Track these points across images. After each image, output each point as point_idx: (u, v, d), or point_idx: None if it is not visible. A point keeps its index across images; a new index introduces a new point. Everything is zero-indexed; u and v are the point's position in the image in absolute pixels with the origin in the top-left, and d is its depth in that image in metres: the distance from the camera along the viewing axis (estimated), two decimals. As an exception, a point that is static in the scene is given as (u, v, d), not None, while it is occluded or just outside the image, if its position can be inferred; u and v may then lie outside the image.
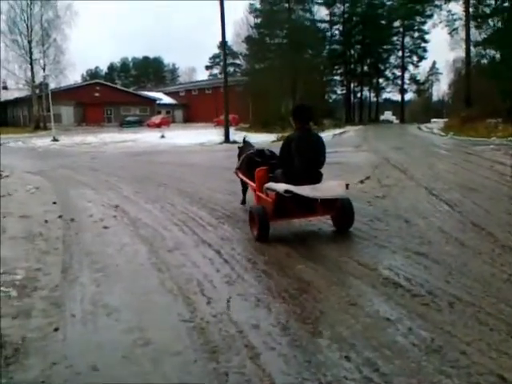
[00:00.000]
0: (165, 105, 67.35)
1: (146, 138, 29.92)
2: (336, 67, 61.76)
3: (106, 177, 11.07)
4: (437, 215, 6.20)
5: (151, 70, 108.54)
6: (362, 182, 9.17)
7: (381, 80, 66.31)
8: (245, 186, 6.93)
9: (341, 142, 21.63)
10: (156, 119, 53.37)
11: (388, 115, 72.70)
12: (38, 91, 46.42)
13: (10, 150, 22.78)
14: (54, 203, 7.64)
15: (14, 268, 4.20)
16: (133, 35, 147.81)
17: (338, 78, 63.87)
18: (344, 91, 65.24)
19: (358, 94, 67.27)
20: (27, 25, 45.29)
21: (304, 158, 5.03)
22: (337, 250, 4.70)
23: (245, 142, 7.75)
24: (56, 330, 2.96)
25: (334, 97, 63.85)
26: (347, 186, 5.22)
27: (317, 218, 5.67)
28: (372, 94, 68.65)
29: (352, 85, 65.24)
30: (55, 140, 28.84)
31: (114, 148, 22.81)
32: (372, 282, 3.75)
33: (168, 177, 10.65)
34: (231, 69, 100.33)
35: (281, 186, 4.91)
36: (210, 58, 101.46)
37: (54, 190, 9.28)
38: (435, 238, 5.06)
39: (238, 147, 7.79)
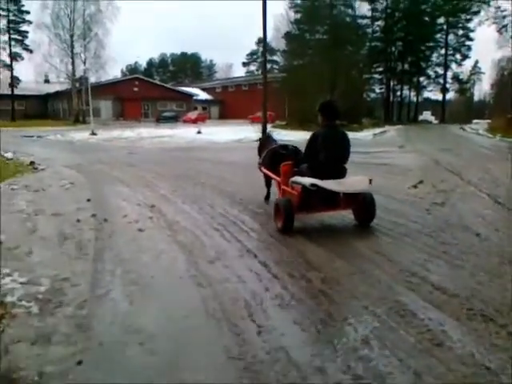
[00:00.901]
0: (201, 100, 67.43)
1: (183, 133, 29.69)
2: (375, 65, 60.20)
3: (143, 173, 10.69)
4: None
5: (189, 66, 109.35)
6: (415, 186, 8.44)
7: (421, 78, 64.42)
8: (268, 181, 6.97)
9: (383, 142, 20.73)
10: (192, 115, 53.36)
11: (427, 115, 70.58)
12: (78, 85, 47.13)
13: (49, 143, 22.94)
14: (88, 200, 7.26)
15: (39, 276, 3.76)
16: (172, 31, 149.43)
17: (377, 76, 62.45)
18: (382, 89, 63.64)
19: (397, 93, 65.48)
20: (70, 19, 46.03)
21: (329, 154, 5.19)
22: (409, 265, 4.04)
23: (266, 136, 7.65)
24: (79, 363, 2.46)
25: (372, 95, 62.36)
26: (370, 181, 5.30)
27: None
28: (412, 93, 66.74)
29: (391, 83, 63.52)
30: (93, 134, 28.98)
31: (150, 143, 22.61)
32: (457, 315, 3.10)
33: (206, 174, 10.17)
34: (268, 65, 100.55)
35: (307, 180, 5.06)
36: (248, 55, 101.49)
37: (88, 186, 8.94)
38: (518, 257, 4.34)
39: (259, 140, 7.82)
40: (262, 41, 25.09)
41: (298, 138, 23.78)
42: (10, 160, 14.08)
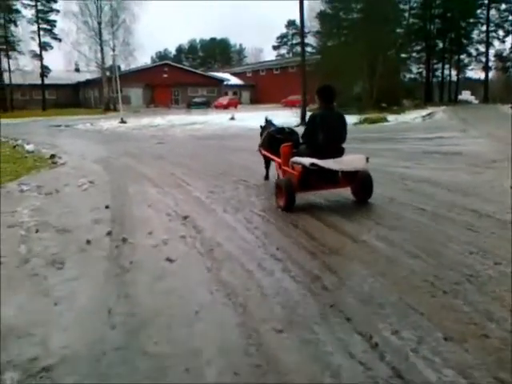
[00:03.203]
0: (232, 86, 65.82)
1: (215, 119, 28.20)
2: (413, 44, 56.87)
3: (173, 168, 9.20)
4: None
5: (218, 52, 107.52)
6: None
7: (462, 56, 60.70)
8: (267, 162, 7.36)
9: (438, 126, 18.58)
10: (223, 100, 51.93)
11: (466, 95, 66.69)
12: (108, 73, 46.24)
13: (76, 133, 21.84)
14: (107, 207, 5.81)
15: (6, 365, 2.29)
16: (200, 17, 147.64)
17: (415, 55, 59.13)
18: (420, 69, 60.30)
19: (436, 73, 61.95)
20: (97, 6, 44.98)
21: (328, 134, 5.40)
22: None
23: (267, 121, 7.89)
24: None
25: (410, 76, 59.14)
26: (367, 159, 5.52)
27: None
28: (453, 72, 62.98)
29: (430, 62, 60.05)
30: (123, 122, 27.85)
31: (181, 131, 21.19)
32: None
33: (247, 170, 8.59)
34: (298, 49, 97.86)
35: (307, 160, 5.27)
36: (278, 38, 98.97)
37: (110, 185, 7.52)
38: None
39: (261, 126, 7.96)
40: (299, 21, 23.08)
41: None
42: (31, 153, 12.89)
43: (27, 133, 21.21)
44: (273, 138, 6.69)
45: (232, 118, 26.71)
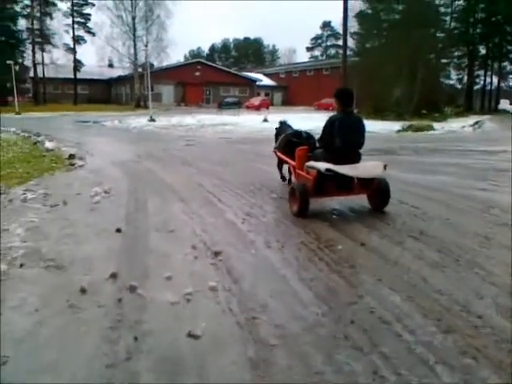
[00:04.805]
0: (264, 86, 64.71)
1: (247, 121, 26.97)
2: (454, 49, 54.37)
3: (202, 177, 7.98)
4: None
5: (251, 52, 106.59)
6: None
7: (504, 64, 57.75)
8: (281, 164, 7.27)
9: (493, 137, 16.84)
10: (255, 101, 50.80)
11: (505, 104, 63.68)
12: (140, 69, 45.67)
13: (103, 130, 20.97)
14: (118, 231, 4.61)
15: None
16: (234, 16, 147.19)
17: (455, 60, 56.59)
18: (460, 75, 57.69)
19: (477, 79, 59.15)
20: (132, 0, 44.38)
21: (346, 139, 5.21)
22: None
23: (281, 123, 7.75)
24: None
25: (449, 82, 56.62)
26: (385, 166, 5.29)
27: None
28: (494, 80, 60.01)
29: (473, 69, 57.34)
30: (152, 120, 26.94)
31: (212, 132, 20.02)
32: None
33: (285, 185, 7.28)
34: (332, 51, 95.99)
35: (322, 165, 5.12)
36: (312, 39, 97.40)
37: (127, 197, 6.34)
38: None
39: (276, 128, 7.86)
40: (343, 20, 21.68)
41: (378, 127, 20.44)
42: (50, 151, 11.91)
43: (53, 128, 20.49)
44: (289, 141, 6.53)
45: (265, 120, 25.41)
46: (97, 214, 5.42)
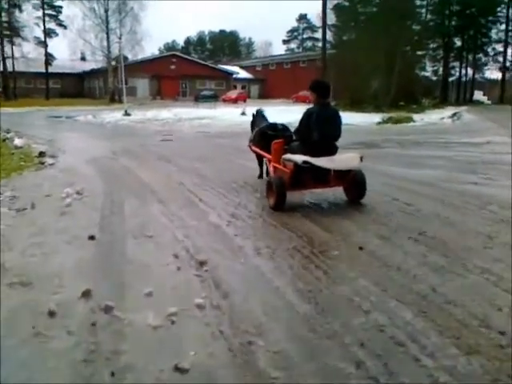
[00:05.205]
0: (241, 79, 64.12)
1: (225, 114, 26.49)
2: (429, 41, 54.72)
3: (182, 175, 7.57)
4: None
5: (227, 44, 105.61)
6: None
7: (479, 56, 58.50)
8: (261, 160, 6.96)
9: (474, 128, 16.75)
10: (232, 94, 50.29)
11: (479, 95, 64.59)
12: (113, 63, 44.55)
13: (76, 126, 20.24)
14: (91, 239, 4.17)
15: None
16: (209, 9, 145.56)
17: (431, 52, 57.00)
18: (436, 67, 58.23)
19: (452, 71, 59.77)
20: (104, -8, 43.17)
21: (323, 131, 5.17)
22: None
23: (257, 114, 7.47)
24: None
25: (426, 74, 57.04)
26: (361, 158, 5.25)
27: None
28: (469, 72, 60.72)
29: (448, 61, 57.85)
30: (127, 114, 26.21)
31: (189, 126, 19.51)
32: None
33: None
34: (309, 43, 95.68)
35: (299, 158, 5.06)
36: (288, 32, 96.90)
37: (101, 199, 5.88)
38: None
39: (252, 115, 7.67)
40: (322, 12, 21.34)
41: (358, 120, 20.21)
42: (19, 149, 11.27)
43: (24, 124, 19.64)
44: (264, 134, 6.32)
45: (243, 114, 24.97)
46: (68, 219, 4.96)
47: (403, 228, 4.48)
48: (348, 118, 19.34)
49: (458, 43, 58.12)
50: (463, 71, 60.46)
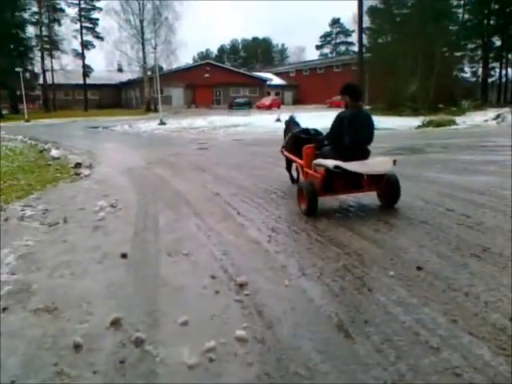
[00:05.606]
0: (274, 86, 63.98)
1: (259, 121, 26.26)
2: (467, 41, 52.96)
3: (218, 185, 7.28)
4: None
5: (260, 51, 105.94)
6: None
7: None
8: (289, 164, 6.99)
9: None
10: (266, 101, 50.11)
11: (514, 96, 61.95)
12: (149, 73, 45.22)
13: (112, 136, 20.44)
14: (124, 257, 3.91)
15: None
16: (242, 17, 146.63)
17: (469, 53, 55.18)
18: (474, 68, 56.35)
19: (492, 72, 57.63)
20: (139, 3, 43.93)
21: (355, 136, 5.05)
22: None
23: (290, 120, 7.39)
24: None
25: (463, 75, 55.20)
26: (394, 162, 5.08)
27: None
28: (510, 71, 58.34)
29: (488, 61, 55.84)
30: (162, 123, 26.39)
31: (224, 134, 19.34)
32: None
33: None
34: (342, 48, 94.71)
35: (330, 162, 4.95)
36: (321, 37, 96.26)
37: (135, 212, 5.65)
38: None
39: (285, 122, 7.62)
40: (358, 15, 20.86)
41: (395, 124, 19.54)
42: (56, 160, 11.32)
43: (61, 135, 20.03)
44: (297, 139, 6.28)
45: (278, 120, 24.65)
46: (100, 235, 4.73)
47: (463, 243, 4.01)
48: (386, 122, 18.83)
49: (498, 43, 55.98)
50: (503, 71, 58.29)
